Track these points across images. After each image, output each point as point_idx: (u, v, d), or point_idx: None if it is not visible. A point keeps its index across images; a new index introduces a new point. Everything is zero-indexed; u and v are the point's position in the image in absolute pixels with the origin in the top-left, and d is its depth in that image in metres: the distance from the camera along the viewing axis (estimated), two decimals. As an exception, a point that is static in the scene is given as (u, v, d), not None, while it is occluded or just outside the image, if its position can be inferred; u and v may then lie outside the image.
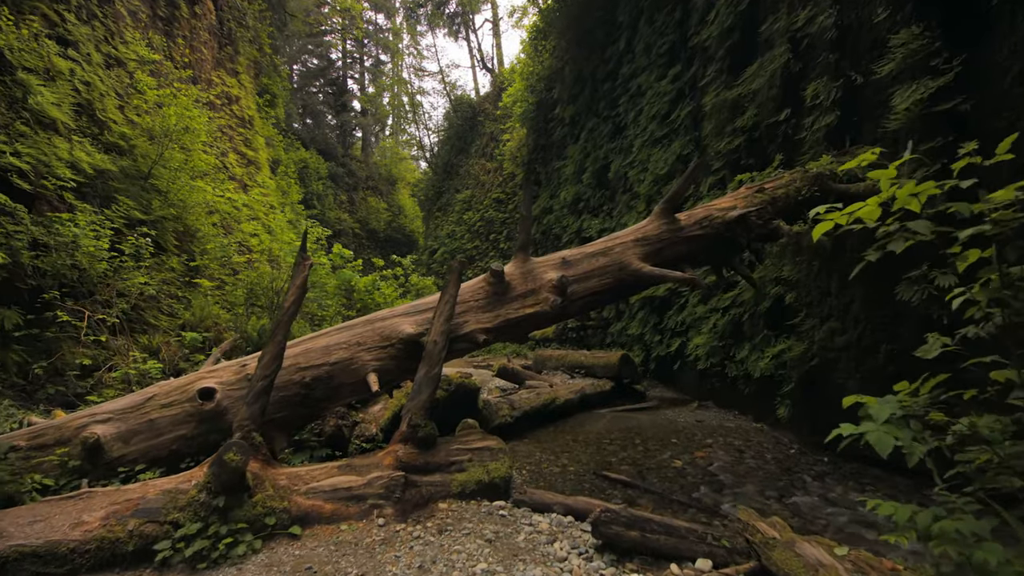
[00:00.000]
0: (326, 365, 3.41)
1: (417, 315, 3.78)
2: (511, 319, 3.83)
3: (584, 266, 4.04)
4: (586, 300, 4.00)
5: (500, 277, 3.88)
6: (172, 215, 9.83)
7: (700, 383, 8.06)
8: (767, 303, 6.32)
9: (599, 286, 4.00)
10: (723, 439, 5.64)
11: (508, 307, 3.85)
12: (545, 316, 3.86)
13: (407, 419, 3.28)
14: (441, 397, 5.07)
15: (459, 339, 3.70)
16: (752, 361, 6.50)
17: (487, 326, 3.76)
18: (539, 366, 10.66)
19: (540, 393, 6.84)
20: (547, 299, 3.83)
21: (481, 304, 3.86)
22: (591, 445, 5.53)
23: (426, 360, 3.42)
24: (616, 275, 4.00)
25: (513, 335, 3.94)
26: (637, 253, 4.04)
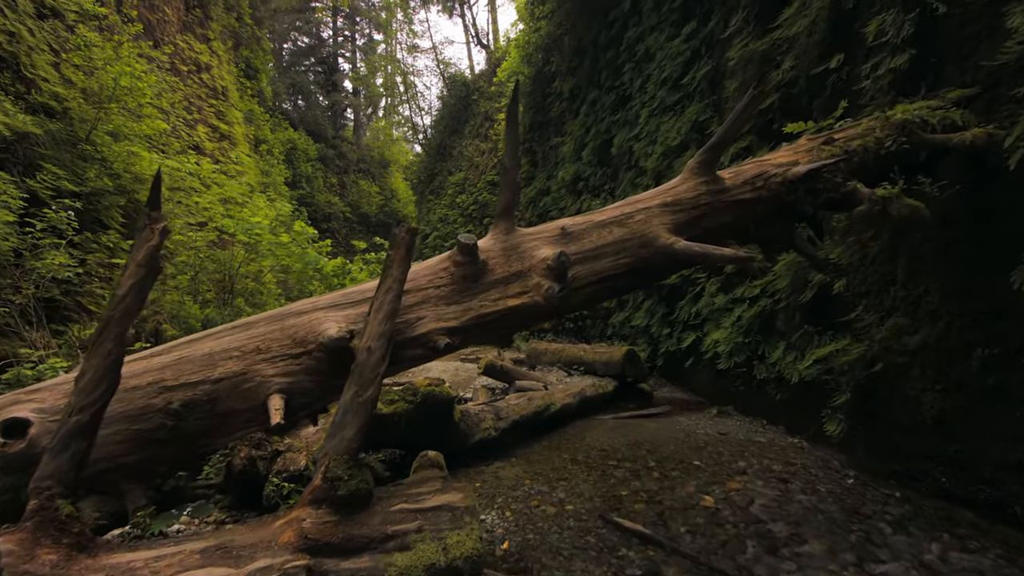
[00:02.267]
0: (206, 383, 2.27)
1: (350, 308, 2.63)
2: (487, 314, 2.69)
3: (592, 239, 2.90)
4: (594, 288, 2.86)
5: (471, 254, 2.72)
6: (115, 187, 8.60)
7: (718, 385, 6.96)
8: (808, 293, 5.19)
9: (612, 268, 2.86)
10: (757, 461, 4.55)
11: (483, 297, 2.71)
12: (536, 310, 2.72)
13: (322, 468, 2.15)
14: (403, 411, 3.94)
15: (408, 343, 2.56)
16: (788, 363, 5.39)
17: (451, 324, 2.62)
18: (533, 361, 9.56)
19: (532, 398, 5.73)
20: (539, 286, 2.68)
21: (444, 293, 2.71)
22: (594, 469, 4.42)
23: (355, 376, 2.27)
24: (636, 253, 2.86)
25: (490, 335, 2.80)
26: (666, 223, 2.90)
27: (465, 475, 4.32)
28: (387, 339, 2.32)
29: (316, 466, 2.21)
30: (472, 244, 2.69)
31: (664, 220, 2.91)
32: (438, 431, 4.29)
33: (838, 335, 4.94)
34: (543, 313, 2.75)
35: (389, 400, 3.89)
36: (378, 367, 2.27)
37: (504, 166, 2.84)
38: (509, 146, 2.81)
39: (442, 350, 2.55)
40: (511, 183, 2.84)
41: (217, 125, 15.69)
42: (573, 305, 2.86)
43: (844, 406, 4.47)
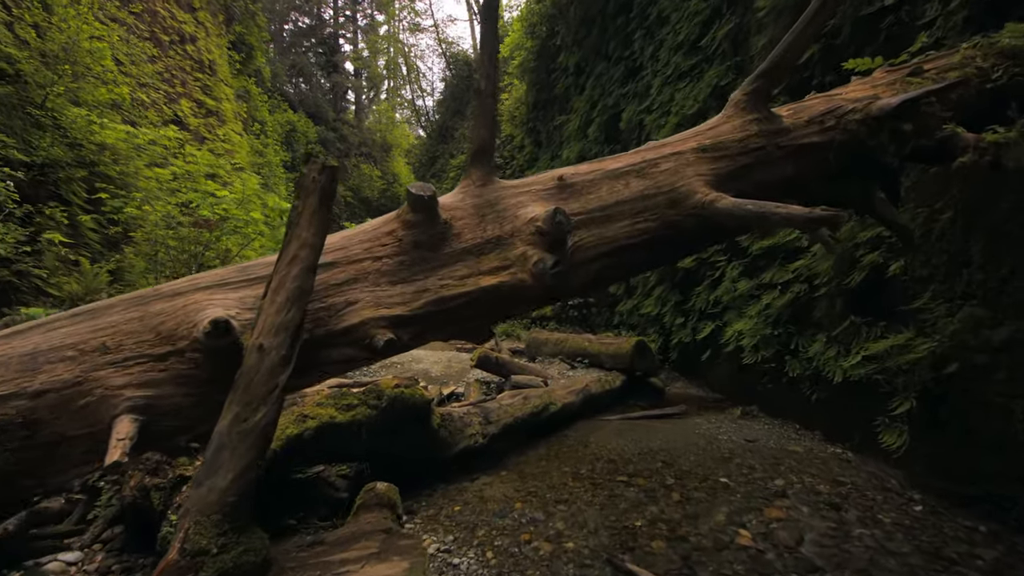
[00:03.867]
0: (21, 398, 1.50)
1: (247, 287, 1.84)
2: (450, 298, 1.92)
3: (601, 195, 2.10)
4: (603, 264, 2.08)
5: (428, 212, 1.95)
6: (75, 158, 7.82)
7: (740, 381, 6.17)
8: (857, 276, 4.36)
9: (629, 235, 2.07)
10: (797, 477, 3.77)
11: (444, 274, 1.94)
12: (520, 292, 1.94)
13: (181, 535, 1.38)
14: (364, 418, 3.18)
15: (331, 340, 1.79)
16: (829, 359, 4.59)
17: (397, 311, 1.85)
18: (533, 352, 8.79)
19: (528, 396, 4.96)
20: (525, 257, 1.91)
21: (388, 267, 1.93)
22: (600, 487, 3.66)
23: (239, 391, 1.50)
24: (662, 214, 2.07)
25: (456, 327, 2.03)
26: (703, 173, 2.10)
27: (444, 494, 3.57)
28: (291, 333, 1.54)
29: (177, 524, 1.44)
30: (428, 197, 1.90)
31: (701, 170, 2.10)
32: (411, 440, 3.53)
33: (892, 327, 4.13)
34: (530, 296, 1.97)
35: (346, 405, 3.12)
36: (275, 376, 1.49)
37: (478, 89, 2.04)
38: (486, 60, 2.00)
39: (382, 349, 1.77)
40: (487, 114, 2.03)
41: (203, 100, 14.86)
42: (573, 286, 2.07)
43: (907, 414, 3.67)
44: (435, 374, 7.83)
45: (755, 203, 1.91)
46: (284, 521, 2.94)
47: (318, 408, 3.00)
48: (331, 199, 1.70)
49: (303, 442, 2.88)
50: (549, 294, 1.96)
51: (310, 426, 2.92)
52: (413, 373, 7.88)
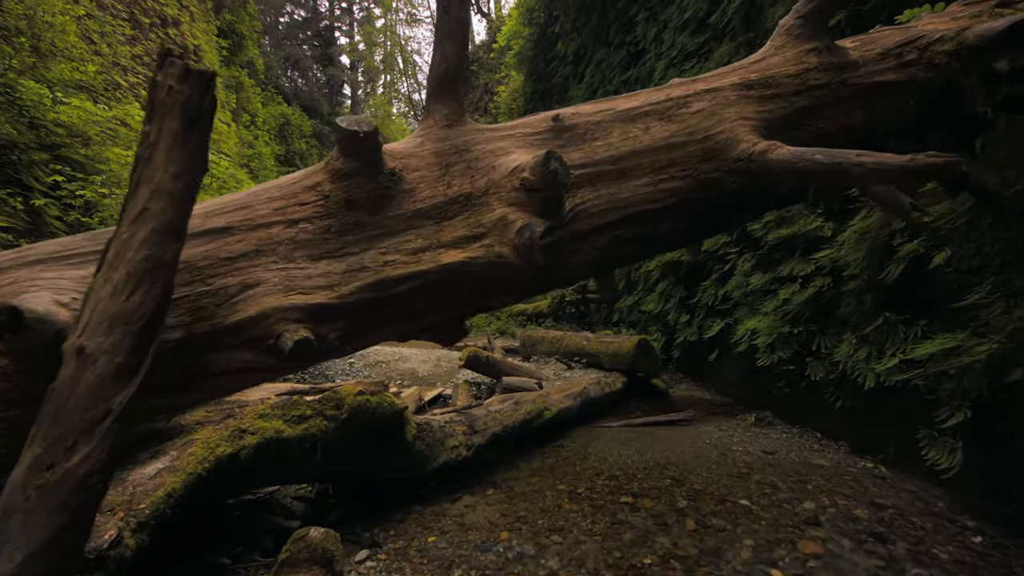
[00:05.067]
0: None
1: (93, 264, 1.30)
2: (396, 280, 1.40)
3: (611, 142, 1.59)
4: (615, 235, 1.58)
5: (367, 155, 1.43)
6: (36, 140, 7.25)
7: (751, 384, 5.67)
8: (894, 269, 3.84)
9: (650, 197, 1.56)
10: (829, 499, 3.26)
11: (390, 245, 1.43)
12: (499, 271, 1.44)
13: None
14: (319, 432, 2.65)
15: (220, 339, 1.29)
16: (859, 362, 4.07)
17: (318, 299, 1.34)
18: (527, 351, 8.27)
19: (520, 401, 4.44)
20: (505, 223, 1.41)
21: (308, 236, 1.43)
22: (601, 511, 3.14)
23: (47, 419, 0.96)
24: (694, 169, 1.56)
25: (409, 323, 1.51)
26: (748, 116, 1.59)
27: (418, 519, 3.04)
28: (136, 329, 1.02)
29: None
30: (365, 134, 1.37)
31: (745, 112, 1.59)
32: (380, 456, 3.01)
33: (934, 326, 3.62)
34: (513, 279, 1.46)
35: (297, 416, 2.59)
36: (105, 394, 0.96)
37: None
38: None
39: (291, 352, 1.25)
40: (455, 23, 1.49)
41: (186, 86, 14.24)
42: (574, 267, 1.55)
43: (960, 427, 3.15)
44: (422, 374, 7.31)
45: (825, 151, 1.39)
46: (216, 560, 2.41)
47: (260, 421, 2.47)
48: (205, 124, 1.16)
49: (239, 464, 2.35)
50: (540, 277, 1.45)
51: (249, 443, 2.39)
52: (399, 373, 7.36)
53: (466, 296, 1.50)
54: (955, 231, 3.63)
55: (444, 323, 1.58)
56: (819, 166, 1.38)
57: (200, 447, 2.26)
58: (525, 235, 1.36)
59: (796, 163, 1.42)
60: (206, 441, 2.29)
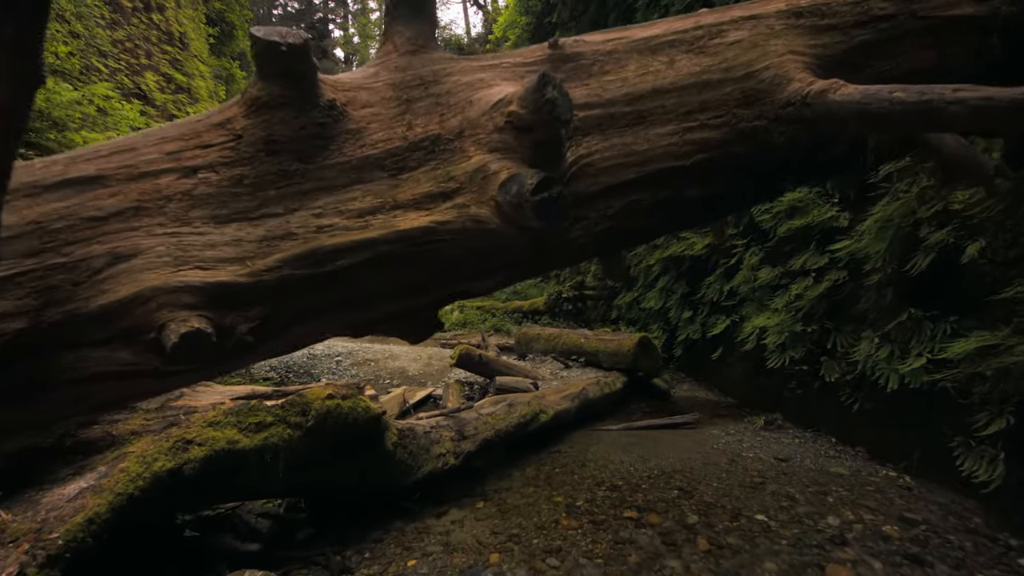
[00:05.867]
0: None
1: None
2: (334, 252, 1.06)
3: (626, 77, 1.27)
4: (630, 199, 1.25)
5: (295, 79, 1.10)
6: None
7: (758, 384, 5.36)
8: (922, 261, 3.53)
9: (676, 151, 1.24)
10: (853, 513, 2.95)
11: (327, 204, 1.10)
12: (477, 241, 1.09)
13: None
14: (282, 442, 2.31)
15: (81, 331, 0.95)
16: (880, 361, 3.76)
17: (220, 276, 1.01)
18: (523, 349, 7.95)
19: (514, 404, 4.12)
20: (484, 174, 1.09)
21: (210, 190, 1.10)
22: (602, 528, 2.82)
23: None
24: (734, 116, 1.25)
25: (355, 312, 1.17)
26: (799, 52, 1.27)
27: (398, 538, 2.71)
28: None
29: None
30: (290, 47, 1.04)
31: (795, 45, 1.26)
32: (355, 468, 2.67)
33: (965, 322, 3.32)
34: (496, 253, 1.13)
35: (255, 424, 2.25)
36: None
37: None
38: None
39: (175, 350, 0.90)
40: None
41: (172, 75, 13.81)
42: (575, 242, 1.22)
43: (1000, 435, 2.85)
44: (412, 373, 6.98)
45: (908, 88, 1.07)
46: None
47: (210, 430, 2.13)
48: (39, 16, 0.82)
49: (183, 481, 2.02)
50: (532, 250, 1.12)
51: (195, 456, 2.05)
52: (388, 372, 7.02)
53: (434, 276, 1.16)
54: (989, 219, 3.32)
55: (406, 313, 1.25)
56: (900, 107, 1.06)
57: (134, 462, 1.92)
58: (511, 190, 1.03)
59: (868, 104, 1.10)
60: (142, 455, 1.95)
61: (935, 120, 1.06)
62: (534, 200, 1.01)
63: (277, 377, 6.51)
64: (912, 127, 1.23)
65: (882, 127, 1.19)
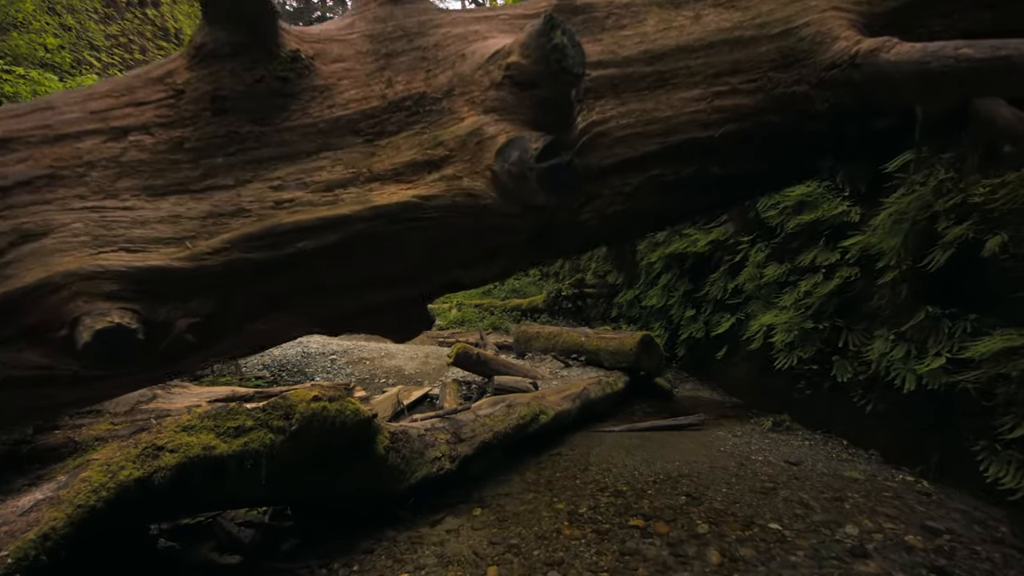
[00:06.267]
0: None
1: None
2: (296, 231, 0.88)
3: (645, 32, 1.11)
4: (650, 173, 1.06)
5: (250, 24, 0.90)
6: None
7: (765, 384, 5.21)
8: (940, 256, 3.37)
9: (705, 118, 1.07)
10: (871, 521, 2.80)
11: (287, 175, 0.93)
12: (470, 219, 0.92)
13: None
14: (263, 448, 2.14)
15: None
16: (896, 361, 3.61)
17: (152, 260, 0.84)
18: (522, 347, 7.79)
19: (513, 405, 3.96)
20: (479, 138, 0.91)
21: (144, 156, 0.92)
22: (607, 537, 2.66)
23: None
24: (770, 80, 1.08)
25: (325, 307, 0.99)
26: (843, 8, 1.10)
27: (389, 549, 2.54)
28: None
29: None
30: None
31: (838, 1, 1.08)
32: (343, 474, 2.51)
33: (986, 320, 3.17)
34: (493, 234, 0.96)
35: (234, 429, 2.08)
36: None
37: None
38: None
39: (87, 350, 0.72)
40: None
41: (166, 70, 13.61)
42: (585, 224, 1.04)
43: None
44: (408, 372, 6.81)
45: (976, 43, 0.91)
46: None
47: (184, 435, 1.96)
48: None
49: (152, 491, 1.85)
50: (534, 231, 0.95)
51: (166, 464, 1.88)
52: (384, 371, 6.86)
53: (418, 262, 0.99)
54: (1011, 212, 3.17)
55: (388, 307, 1.07)
56: (968, 65, 0.90)
57: (97, 471, 1.75)
58: (511, 157, 0.86)
59: (929, 63, 0.94)
60: (106, 463, 1.78)
61: (1013, 79, 0.89)
62: (540, 168, 0.84)
63: (270, 376, 6.34)
64: (980, 89, 1.06)
65: (943, 90, 1.02)
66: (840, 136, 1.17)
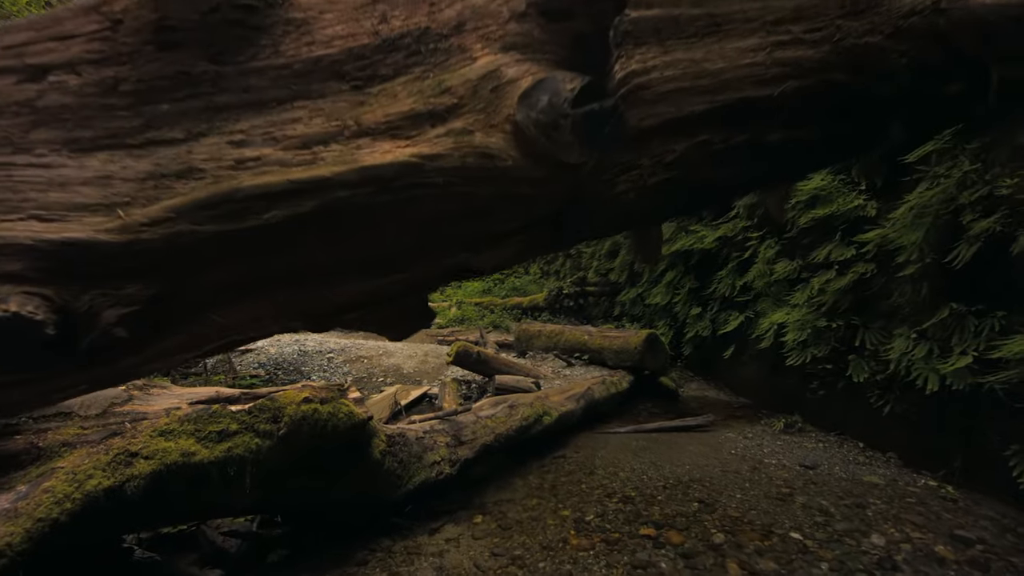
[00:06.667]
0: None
1: None
2: (260, 197, 0.70)
3: None
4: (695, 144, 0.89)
5: None
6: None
7: (775, 384, 5.05)
8: (966, 251, 3.21)
9: (761, 72, 0.88)
10: (897, 529, 2.64)
11: (251, 127, 0.75)
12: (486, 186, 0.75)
13: None
14: (248, 452, 1.98)
15: None
16: (917, 360, 3.44)
17: (76, 233, 0.66)
18: (523, 346, 7.62)
19: (515, 405, 3.79)
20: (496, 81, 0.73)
21: (70, 101, 0.73)
22: (617, 548, 2.50)
23: None
24: (840, 29, 0.89)
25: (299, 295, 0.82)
26: None
27: (384, 561, 2.38)
28: None
29: None
30: None
31: (914, -64, 0.92)
32: (334, 480, 2.34)
33: (1015, 317, 3.01)
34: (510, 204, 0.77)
35: (216, 433, 1.92)
36: None
37: None
38: None
39: None
40: None
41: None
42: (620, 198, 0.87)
43: (1067, 444, 2.53)
44: (407, 371, 6.65)
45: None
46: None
47: (161, 440, 1.80)
48: None
49: (124, 501, 1.68)
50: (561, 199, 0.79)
51: (140, 472, 1.72)
52: (382, 370, 6.69)
53: (418, 241, 0.81)
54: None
55: (380, 297, 0.90)
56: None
57: (62, 480, 1.59)
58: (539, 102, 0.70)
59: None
60: (73, 471, 1.62)
61: None
62: (576, 115, 0.68)
63: (265, 375, 6.18)
64: None
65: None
66: (914, 99, 0.99)
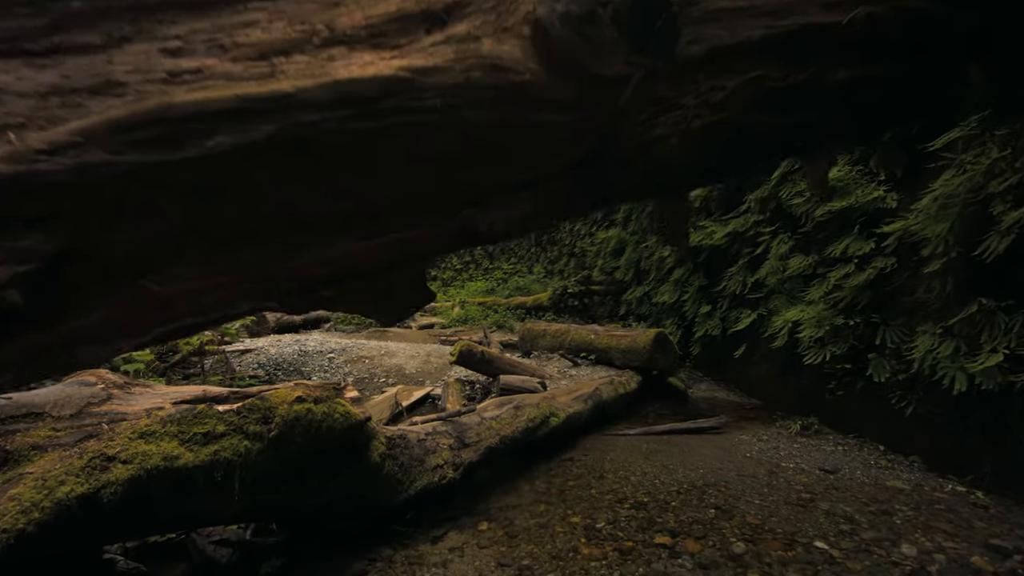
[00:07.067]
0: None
1: None
2: (199, 118, 0.54)
3: None
4: (748, 80, 0.72)
5: None
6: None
7: (787, 384, 4.89)
8: (998, 244, 3.05)
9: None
10: (927, 538, 2.48)
11: (190, 30, 0.60)
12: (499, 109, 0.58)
13: None
14: (237, 456, 1.84)
15: None
16: (944, 359, 3.28)
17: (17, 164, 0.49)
18: (527, 346, 7.47)
19: (521, 406, 3.65)
20: None
21: None
22: (631, 557, 2.35)
23: None
24: None
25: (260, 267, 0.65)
26: None
27: (383, 571, 2.24)
28: None
29: None
30: None
31: None
32: (330, 484, 2.20)
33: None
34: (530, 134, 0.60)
35: (202, 435, 1.78)
36: None
37: None
38: None
39: None
40: None
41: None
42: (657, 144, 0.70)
43: (1114, 448, 2.37)
44: (409, 371, 6.51)
45: None
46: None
47: (141, 443, 1.66)
48: None
49: (99, 510, 1.55)
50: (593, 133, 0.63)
51: (118, 477, 1.58)
52: (384, 370, 6.55)
53: (408, 187, 0.65)
54: (1078, 193, 2.85)
55: (365, 265, 0.74)
56: None
57: (30, 487, 1.45)
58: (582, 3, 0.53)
59: None
60: (42, 477, 1.48)
61: None
62: (619, 4, 0.53)
63: (264, 375, 6.04)
64: None
65: None
66: (996, 32, 0.84)
